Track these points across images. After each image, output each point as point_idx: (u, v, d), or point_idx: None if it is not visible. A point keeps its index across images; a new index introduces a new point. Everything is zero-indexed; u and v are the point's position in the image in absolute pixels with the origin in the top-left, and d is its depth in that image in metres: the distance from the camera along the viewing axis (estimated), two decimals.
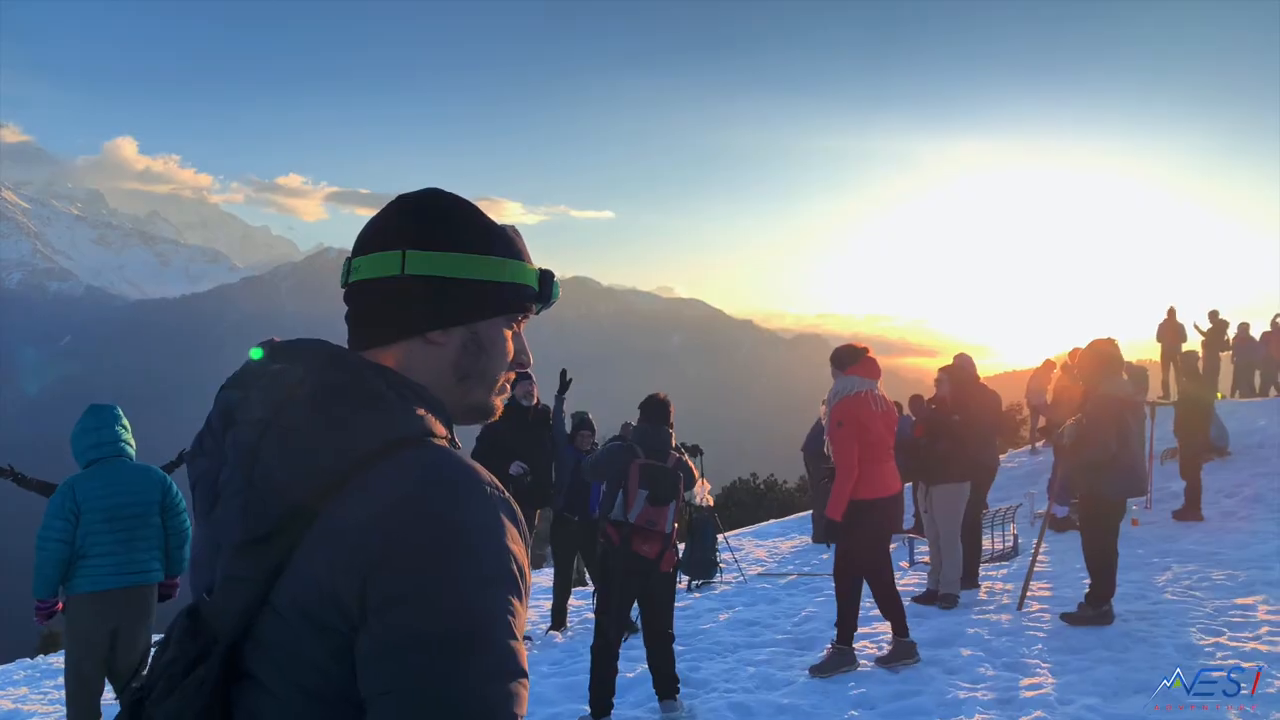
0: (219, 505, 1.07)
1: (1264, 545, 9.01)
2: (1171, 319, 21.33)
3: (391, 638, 0.94)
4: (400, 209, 1.18)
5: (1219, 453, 14.41)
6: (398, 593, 0.95)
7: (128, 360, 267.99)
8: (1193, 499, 11.04)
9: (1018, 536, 10.65)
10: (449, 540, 0.97)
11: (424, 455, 1.03)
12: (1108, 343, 7.05)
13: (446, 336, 1.15)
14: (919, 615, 7.45)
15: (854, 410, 5.77)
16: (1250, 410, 17.17)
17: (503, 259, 1.18)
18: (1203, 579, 7.91)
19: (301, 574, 0.99)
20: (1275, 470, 12.85)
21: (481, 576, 0.97)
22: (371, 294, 1.15)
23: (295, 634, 0.99)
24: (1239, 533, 9.87)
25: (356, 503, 0.99)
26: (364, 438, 1.02)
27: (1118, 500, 6.92)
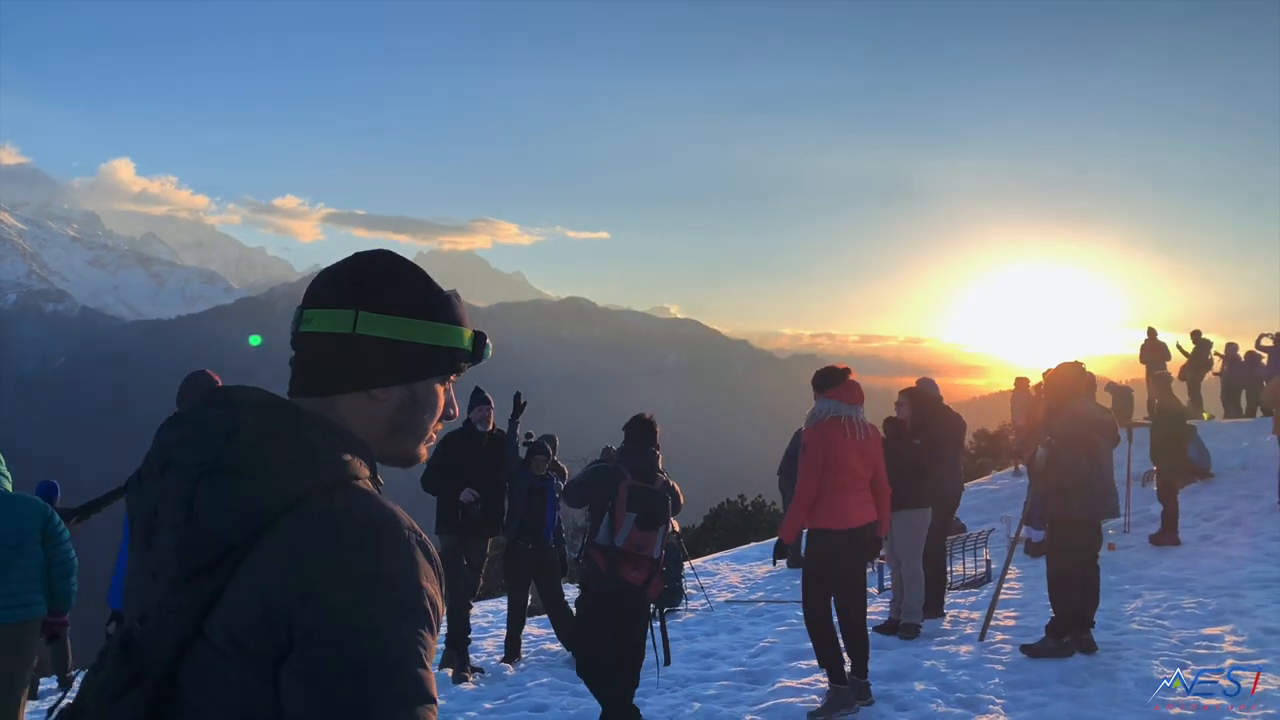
0: (155, 540, 1.14)
1: (1238, 571, 8.80)
2: (1153, 339, 21.22)
3: (310, 667, 1.03)
4: (355, 269, 1.28)
5: (1201, 475, 14.22)
6: (317, 625, 1.03)
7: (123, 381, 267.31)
8: (1169, 523, 10.83)
9: (990, 562, 10.45)
10: (365, 577, 1.06)
11: (346, 498, 1.12)
12: (1074, 365, 6.91)
13: (388, 393, 1.26)
14: (879, 646, 7.23)
15: (821, 436, 5.57)
16: (1235, 431, 16.99)
17: (445, 324, 1.28)
18: (1172, 607, 7.71)
19: (232, 606, 1.07)
20: (1256, 493, 12.66)
21: (394, 611, 1.06)
22: (322, 346, 1.25)
23: (225, 660, 1.07)
24: (1214, 558, 9.66)
25: (284, 542, 1.08)
26: (292, 482, 1.11)
27: (1089, 522, 6.70)
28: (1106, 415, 6.84)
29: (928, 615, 7.89)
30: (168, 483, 1.15)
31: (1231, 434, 16.70)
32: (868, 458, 5.75)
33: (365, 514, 1.12)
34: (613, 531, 5.08)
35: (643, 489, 5.17)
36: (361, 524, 1.10)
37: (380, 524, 1.11)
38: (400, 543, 1.11)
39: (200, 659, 1.09)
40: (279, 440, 1.15)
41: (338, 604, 1.05)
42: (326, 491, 1.12)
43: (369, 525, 1.11)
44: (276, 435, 1.16)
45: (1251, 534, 10.79)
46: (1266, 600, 7.63)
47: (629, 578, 5.06)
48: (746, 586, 11.88)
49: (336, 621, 1.04)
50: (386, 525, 1.12)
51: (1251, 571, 8.71)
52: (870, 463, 5.77)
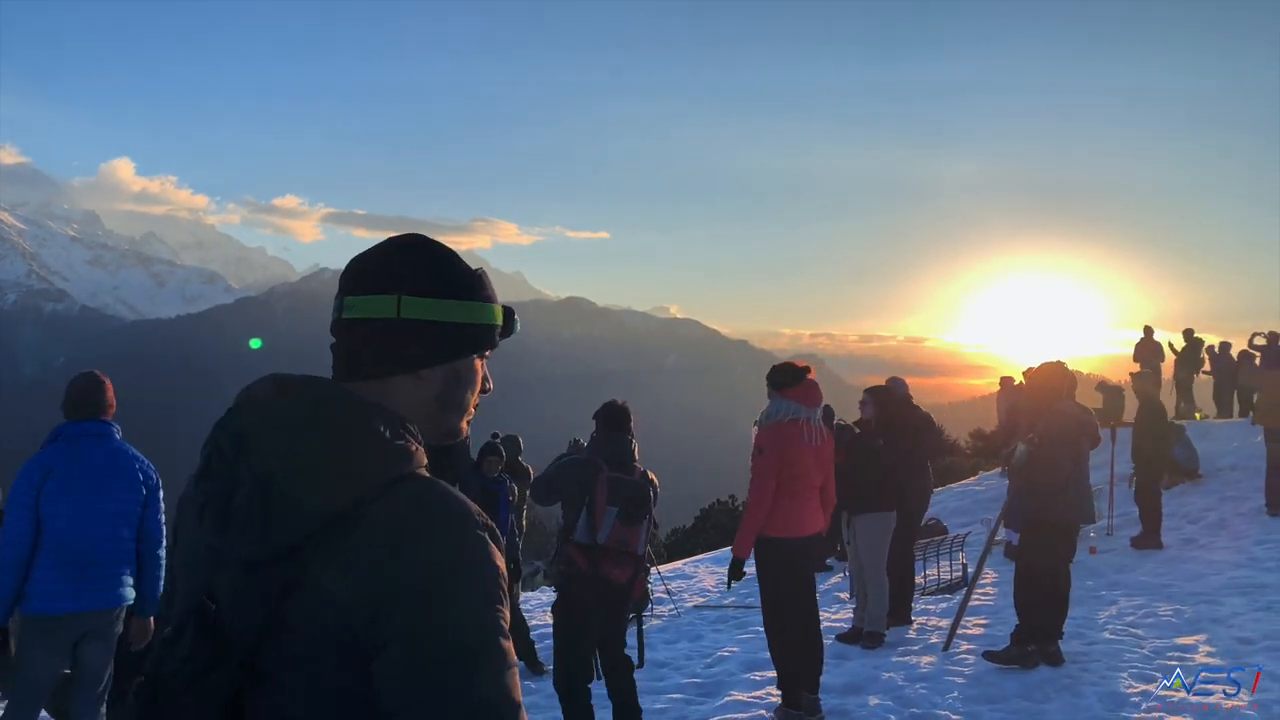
0: (230, 525, 1.17)
1: (1218, 577, 8.51)
2: (1149, 338, 20.97)
3: (409, 658, 1.09)
4: (394, 254, 1.32)
5: (1188, 475, 13.96)
6: (411, 618, 1.09)
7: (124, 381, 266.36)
8: (1151, 526, 10.54)
9: (967, 565, 10.15)
10: (452, 565, 1.12)
11: (420, 488, 1.18)
12: (1057, 364, 6.65)
13: (433, 373, 1.30)
14: (839, 656, 6.95)
15: (779, 438, 5.26)
16: (1225, 431, 16.71)
17: (482, 303, 1.33)
18: (1148, 614, 7.41)
19: (317, 592, 1.11)
20: (1243, 494, 12.37)
21: (480, 595, 1.13)
22: (366, 332, 1.28)
23: (311, 644, 1.11)
24: (1195, 562, 9.37)
25: (367, 532, 1.12)
26: (367, 474, 1.16)
27: (1066, 526, 6.43)
28: (1088, 415, 6.58)
29: (894, 623, 7.60)
30: (243, 469, 1.18)
31: (1222, 434, 16.42)
32: (822, 464, 5.45)
33: (440, 503, 1.17)
34: (593, 528, 4.73)
35: (623, 480, 4.82)
36: (439, 513, 1.16)
37: (455, 512, 1.17)
38: (475, 527, 1.17)
39: (284, 641, 1.12)
40: (353, 433, 1.19)
41: (431, 594, 1.10)
42: (399, 482, 1.17)
43: (446, 513, 1.16)
44: (350, 428, 1.19)
45: (1236, 537, 10.50)
46: (1244, 608, 7.34)
47: (613, 576, 4.72)
48: (720, 591, 11.57)
49: (431, 611, 1.10)
50: (461, 512, 1.17)
51: (1232, 577, 8.42)
52: (823, 469, 5.48)
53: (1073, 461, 6.22)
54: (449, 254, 1.35)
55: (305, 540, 1.13)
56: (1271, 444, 11.19)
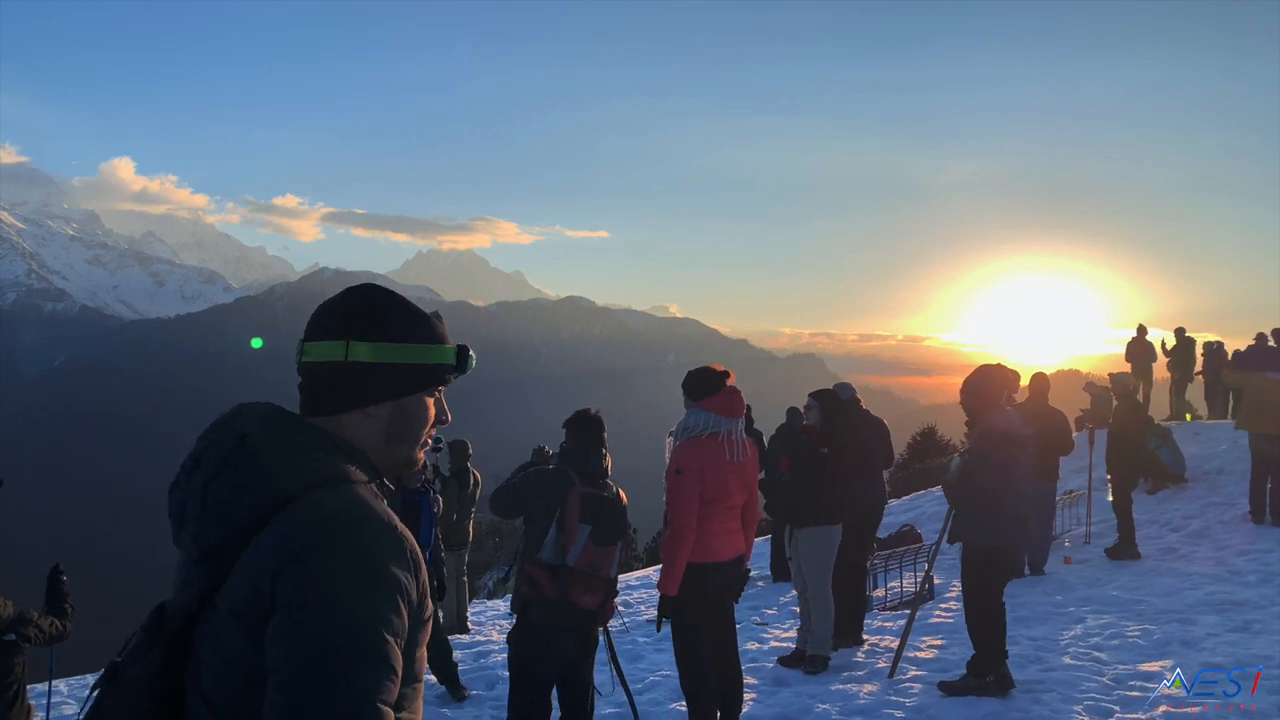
0: (184, 529, 1.41)
1: (1194, 592, 7.98)
2: (1141, 338, 20.45)
3: (286, 629, 1.25)
4: (347, 302, 1.52)
5: (1173, 479, 13.43)
6: (294, 593, 1.26)
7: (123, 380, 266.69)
8: (1126, 535, 10.01)
9: (932, 577, 9.61)
10: (336, 554, 1.28)
11: (333, 493, 1.36)
12: (994, 368, 6.09)
13: (380, 409, 1.50)
14: (777, 681, 6.44)
15: (698, 456, 4.71)
16: (1215, 433, 16.15)
17: (425, 345, 1.52)
18: (1114, 635, 6.89)
19: (235, 582, 1.32)
20: (1229, 500, 11.84)
21: (363, 587, 1.27)
22: (320, 374, 1.50)
23: (227, 626, 1.32)
24: (1172, 575, 8.84)
25: (275, 528, 1.32)
26: (289, 480, 1.37)
27: (1001, 548, 5.94)
28: (1028, 428, 6.02)
29: (843, 644, 7.08)
30: (193, 481, 1.42)
31: (1212, 435, 15.87)
32: (745, 481, 4.90)
33: (345, 505, 1.34)
34: (563, 548, 4.23)
35: (598, 497, 4.33)
36: (338, 512, 1.32)
37: (356, 512, 1.33)
38: (372, 529, 1.32)
39: (209, 624, 1.34)
40: (281, 445, 1.40)
41: (312, 576, 1.26)
42: (317, 488, 1.36)
43: (345, 512, 1.33)
44: (278, 440, 1.41)
45: (1218, 547, 9.98)
46: (1218, 627, 6.81)
47: (581, 603, 4.21)
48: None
49: (308, 591, 1.25)
50: (361, 513, 1.33)
51: (1209, 593, 7.89)
52: (747, 487, 4.93)
53: (1003, 478, 5.65)
54: (396, 300, 1.52)
55: (230, 537, 1.34)
56: (1255, 449, 10.67)
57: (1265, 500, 10.63)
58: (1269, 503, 10.60)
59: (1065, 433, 9.33)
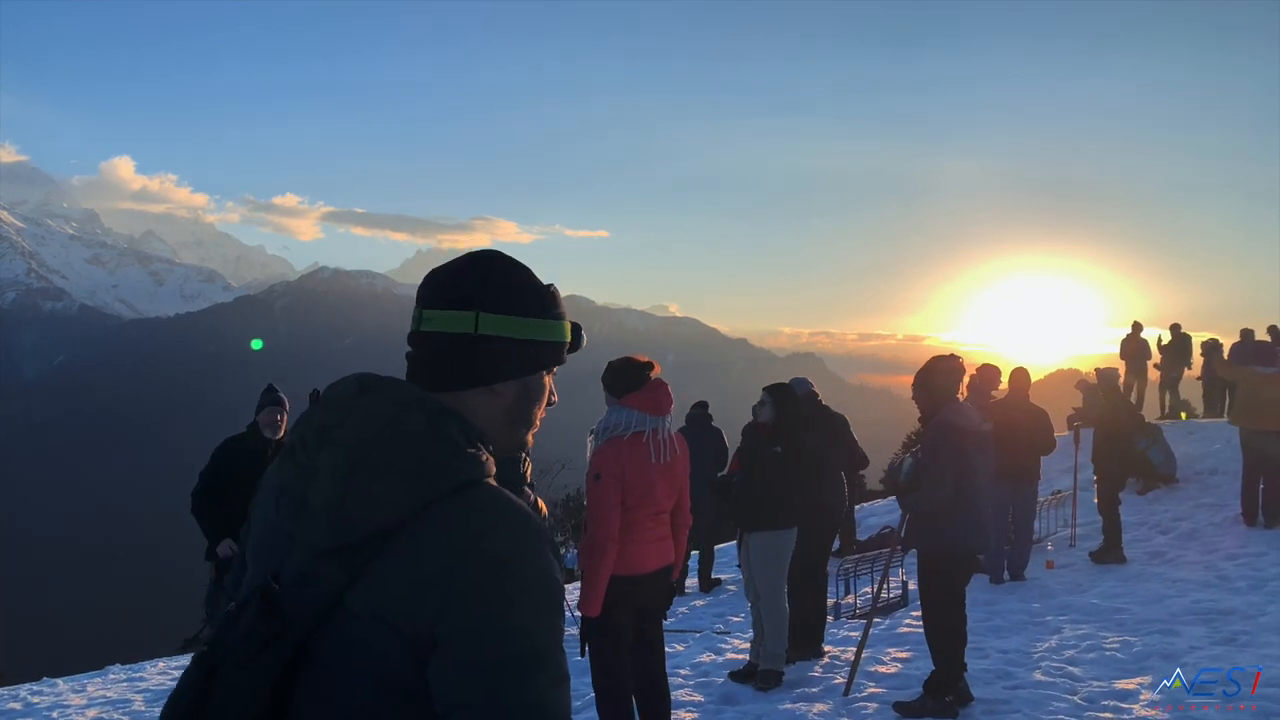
0: (305, 512, 1.27)
1: (1179, 599, 7.51)
2: (1136, 334, 20.01)
3: (467, 658, 1.16)
4: (473, 269, 1.40)
5: (1164, 480, 12.99)
6: (472, 619, 1.17)
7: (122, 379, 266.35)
8: (1112, 538, 9.54)
9: (907, 582, 9.15)
10: (515, 571, 1.20)
11: (487, 496, 1.26)
12: (948, 359, 5.61)
13: (506, 387, 1.40)
14: (726, 699, 5.96)
15: (618, 459, 4.22)
16: (1209, 432, 15.68)
17: (555, 321, 1.43)
18: (1092, 647, 6.41)
19: (380, 585, 1.20)
20: (1221, 501, 11.38)
21: (537, 604, 1.21)
22: (444, 345, 1.37)
23: (368, 632, 1.19)
24: (1158, 581, 8.37)
25: (434, 534, 1.21)
26: (440, 477, 1.25)
27: (961, 557, 5.48)
28: (986, 425, 5.56)
29: (800, 656, 6.61)
30: (323, 459, 1.27)
31: (1206, 435, 15.40)
32: (673, 484, 4.42)
33: (505, 511, 1.25)
34: None
35: None
36: (506, 519, 1.24)
37: (518, 520, 1.24)
38: (536, 538, 1.24)
39: (340, 626, 1.20)
40: (430, 437, 1.27)
41: (488, 599, 1.17)
42: (468, 487, 1.26)
43: (513, 520, 1.24)
44: (430, 431, 1.28)
45: (1207, 550, 9.51)
46: (1202, 639, 6.34)
47: None
48: None
49: (488, 617, 1.17)
50: (523, 521, 1.25)
51: (1195, 600, 7.42)
52: (675, 491, 4.45)
53: (959, 480, 5.19)
54: (526, 272, 1.42)
55: (376, 534, 1.22)
56: (1247, 445, 10.21)
57: (1258, 501, 10.17)
58: (1262, 504, 10.14)
59: (1046, 431, 8.86)
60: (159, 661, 9.98)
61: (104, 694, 8.02)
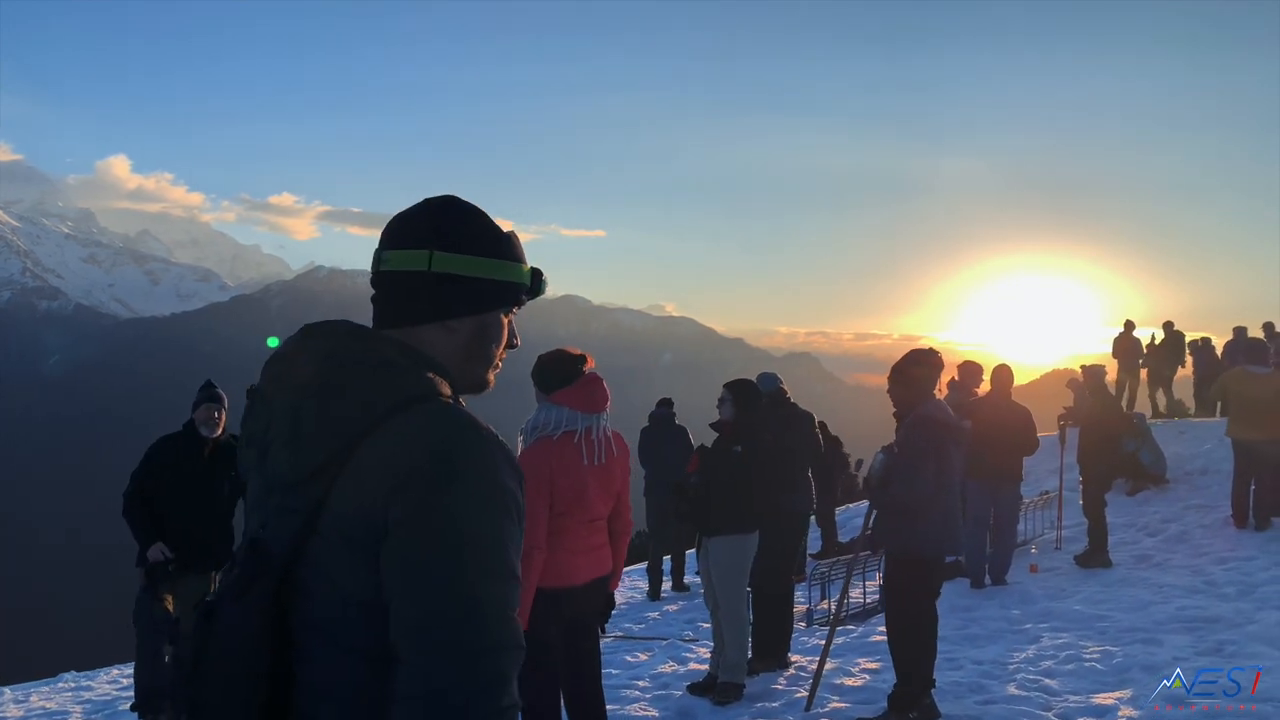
0: (268, 457, 1.34)
1: (1165, 606, 7.18)
2: (1128, 333, 19.70)
3: (405, 548, 1.21)
4: (428, 212, 1.46)
5: (1154, 480, 12.68)
6: (411, 511, 1.22)
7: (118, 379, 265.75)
8: (1097, 541, 9.22)
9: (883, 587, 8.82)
10: (455, 469, 1.24)
11: (431, 408, 1.31)
12: (926, 352, 5.34)
13: (460, 324, 1.44)
14: (682, 713, 5.65)
15: (547, 461, 3.86)
16: (1201, 432, 15.35)
17: (509, 262, 1.47)
18: (1071, 658, 6.09)
19: (339, 504, 1.26)
20: (1211, 502, 11.06)
21: (476, 498, 1.24)
22: (399, 284, 1.43)
23: (335, 551, 1.26)
24: (1143, 586, 8.05)
25: (380, 445, 1.26)
26: (383, 397, 1.30)
27: (933, 559, 5.18)
28: (964, 420, 5.28)
29: (764, 668, 6.29)
30: (276, 405, 1.35)
31: (1197, 434, 15.07)
32: (609, 488, 4.07)
33: (447, 418, 1.29)
34: None
35: None
36: (444, 426, 1.28)
37: (461, 425, 1.28)
38: (480, 440, 1.28)
39: (314, 552, 1.28)
40: (372, 361, 1.34)
41: (428, 492, 1.22)
42: (413, 403, 1.30)
43: (451, 426, 1.28)
44: (368, 356, 1.34)
45: (1196, 553, 9.20)
46: (1186, 649, 6.01)
47: None
48: (624, 606, 10.21)
49: (426, 508, 1.21)
50: (467, 426, 1.29)
51: (1180, 607, 7.10)
52: (613, 495, 4.11)
53: (937, 476, 4.92)
54: (479, 213, 1.47)
55: (331, 457, 1.27)
56: (1238, 447, 9.89)
57: (1248, 502, 9.85)
58: (1253, 505, 9.83)
59: (1028, 430, 8.53)
60: (113, 669, 9.64)
61: (44, 705, 7.69)
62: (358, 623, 1.25)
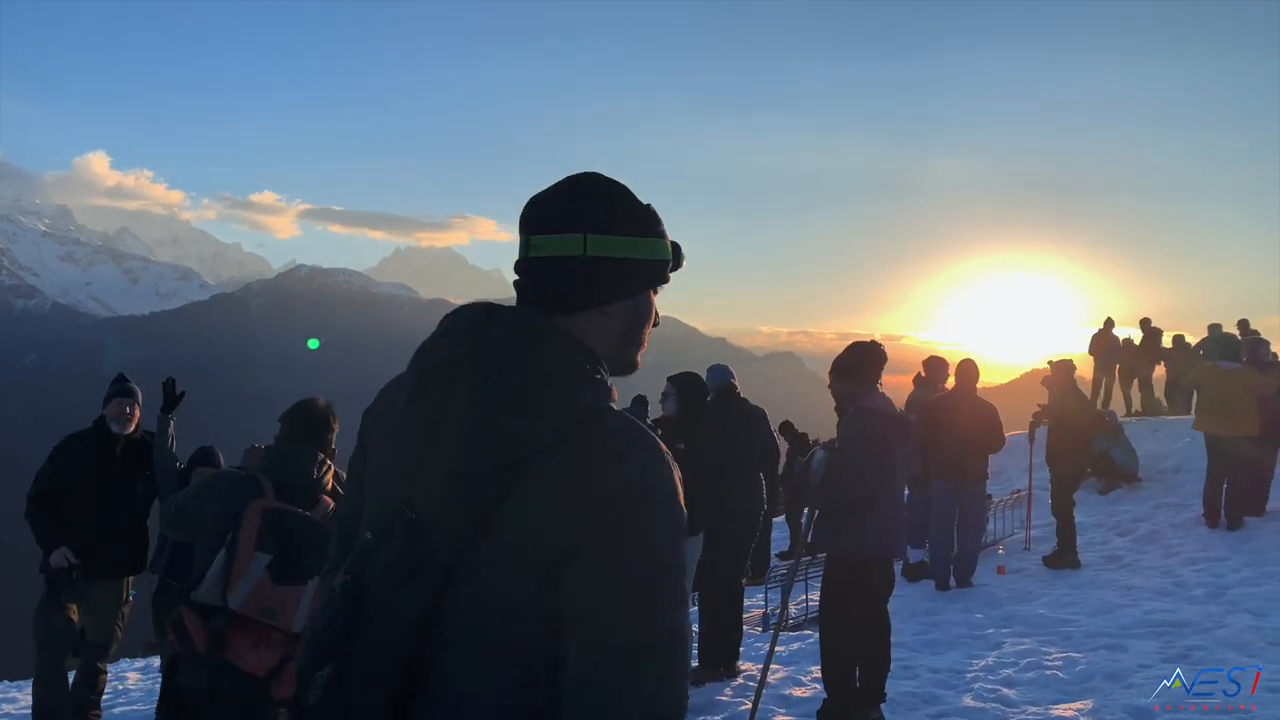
0: (438, 435, 1.29)
1: (1132, 609, 6.90)
2: (1107, 330, 19.49)
3: (596, 570, 1.20)
4: (576, 193, 1.39)
5: (1126, 479, 12.45)
6: (602, 535, 1.20)
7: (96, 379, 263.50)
8: (1066, 542, 8.94)
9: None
10: (646, 496, 1.23)
11: (620, 421, 1.29)
12: (868, 344, 5.02)
13: (618, 307, 1.40)
14: None
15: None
16: (1175, 430, 15.14)
17: (658, 240, 1.41)
18: (1032, 665, 5.80)
19: (519, 510, 1.23)
20: (1183, 501, 10.83)
21: (665, 523, 1.23)
22: (554, 270, 1.37)
23: (507, 554, 1.23)
24: (1111, 588, 7.77)
25: (574, 455, 1.23)
26: (576, 406, 1.27)
27: (875, 562, 4.85)
28: (908, 415, 4.96)
29: (711, 677, 5.97)
30: (457, 389, 1.29)
31: (1171, 432, 14.85)
32: None
33: (634, 435, 1.27)
34: (226, 583, 3.11)
35: (289, 514, 3.23)
36: (633, 444, 1.25)
37: (647, 444, 1.26)
38: (663, 460, 1.26)
39: (484, 553, 1.23)
40: (563, 365, 1.29)
41: (620, 518, 1.20)
42: (600, 414, 1.28)
43: (639, 445, 1.25)
44: (564, 359, 1.30)
45: (1166, 554, 8.95)
46: (1152, 655, 5.73)
47: (244, 664, 3.06)
48: None
49: (617, 534, 1.19)
50: (651, 444, 1.27)
51: (1148, 610, 6.82)
52: None
53: (879, 472, 4.60)
54: (626, 191, 1.41)
55: (515, 460, 1.23)
56: (1211, 445, 9.66)
57: (1221, 501, 9.62)
58: (1225, 504, 9.59)
59: (994, 428, 8.24)
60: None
61: None
62: (518, 631, 1.24)
